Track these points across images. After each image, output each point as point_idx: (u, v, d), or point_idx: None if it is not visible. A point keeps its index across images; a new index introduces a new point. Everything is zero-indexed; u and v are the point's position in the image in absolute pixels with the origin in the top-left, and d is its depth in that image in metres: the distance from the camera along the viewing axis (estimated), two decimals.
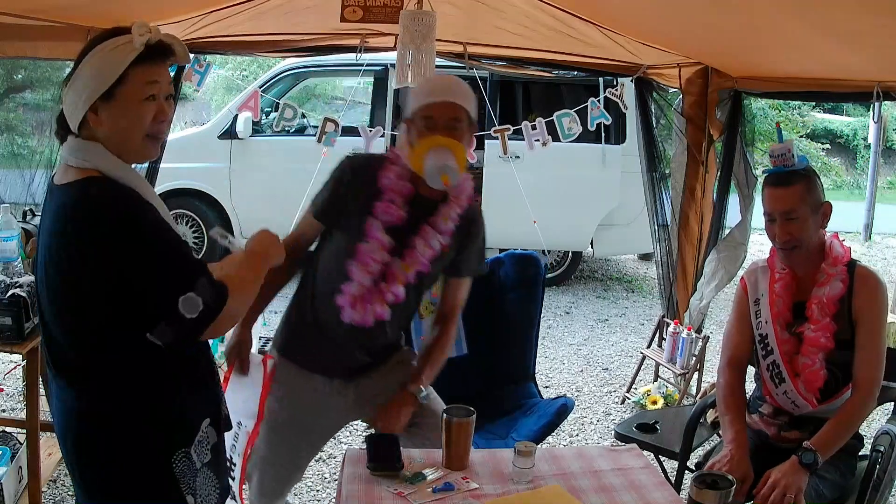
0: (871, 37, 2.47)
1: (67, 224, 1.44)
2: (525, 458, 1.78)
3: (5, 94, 8.21)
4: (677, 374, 4.09)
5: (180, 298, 1.41)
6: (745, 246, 3.92)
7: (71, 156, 1.49)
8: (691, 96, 3.99)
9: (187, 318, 1.42)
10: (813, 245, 2.21)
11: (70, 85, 1.49)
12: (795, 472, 2.04)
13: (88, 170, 1.47)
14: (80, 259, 1.42)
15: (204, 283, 1.45)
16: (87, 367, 1.49)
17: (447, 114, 2.03)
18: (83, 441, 1.51)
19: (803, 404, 2.21)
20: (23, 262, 2.74)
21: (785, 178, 2.16)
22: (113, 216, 1.42)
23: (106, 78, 1.46)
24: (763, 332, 2.28)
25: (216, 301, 1.46)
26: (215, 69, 3.89)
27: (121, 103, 1.48)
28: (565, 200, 6.06)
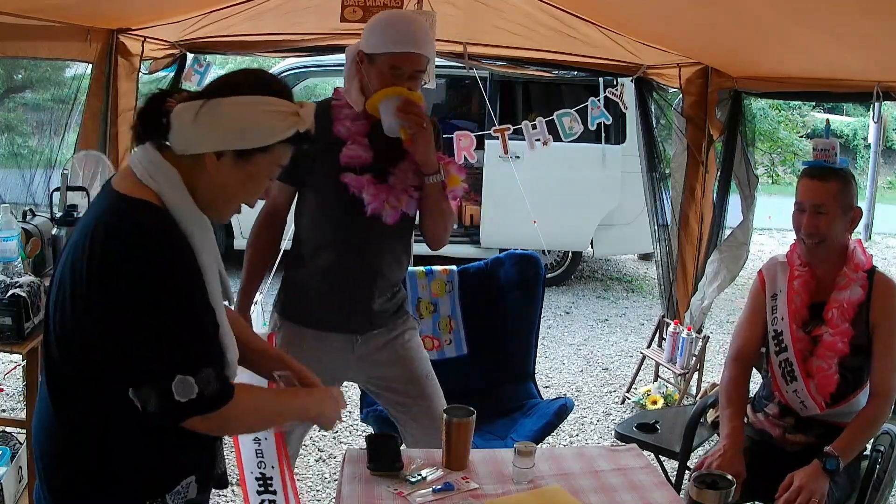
0: (871, 38, 2.47)
1: (102, 239, 1.32)
2: (525, 458, 1.78)
3: (5, 94, 8.20)
4: (677, 374, 4.09)
5: (177, 377, 1.30)
6: (747, 246, 3.92)
7: (142, 166, 1.37)
8: (691, 96, 3.99)
9: (175, 399, 1.30)
10: (837, 246, 2.20)
11: (208, 108, 1.35)
12: (819, 477, 2.03)
13: (150, 190, 1.36)
14: (96, 281, 1.30)
15: (209, 375, 1.33)
16: (73, 386, 1.37)
17: (414, 66, 2.05)
18: (52, 457, 1.41)
19: (812, 405, 2.21)
20: (23, 262, 2.74)
21: (823, 173, 2.18)
22: (151, 259, 1.30)
23: (258, 139, 1.37)
24: (778, 329, 2.26)
25: (215, 399, 1.34)
26: (215, 69, 3.87)
27: (250, 168, 1.39)
28: (565, 200, 6.06)
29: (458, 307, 3.02)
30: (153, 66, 4.07)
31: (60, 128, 3.69)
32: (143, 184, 1.36)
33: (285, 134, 1.38)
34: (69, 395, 1.38)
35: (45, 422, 1.42)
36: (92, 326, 1.32)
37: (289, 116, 1.38)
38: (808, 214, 2.16)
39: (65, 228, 2.97)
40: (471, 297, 3.03)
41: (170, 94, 1.41)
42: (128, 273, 1.29)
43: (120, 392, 1.32)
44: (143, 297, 1.30)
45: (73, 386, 1.37)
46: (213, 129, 1.35)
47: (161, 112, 1.38)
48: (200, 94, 1.40)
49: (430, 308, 3.00)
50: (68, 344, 1.36)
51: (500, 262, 3.06)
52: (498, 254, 3.15)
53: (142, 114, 1.40)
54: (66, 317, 1.34)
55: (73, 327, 1.34)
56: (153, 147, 1.38)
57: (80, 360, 1.35)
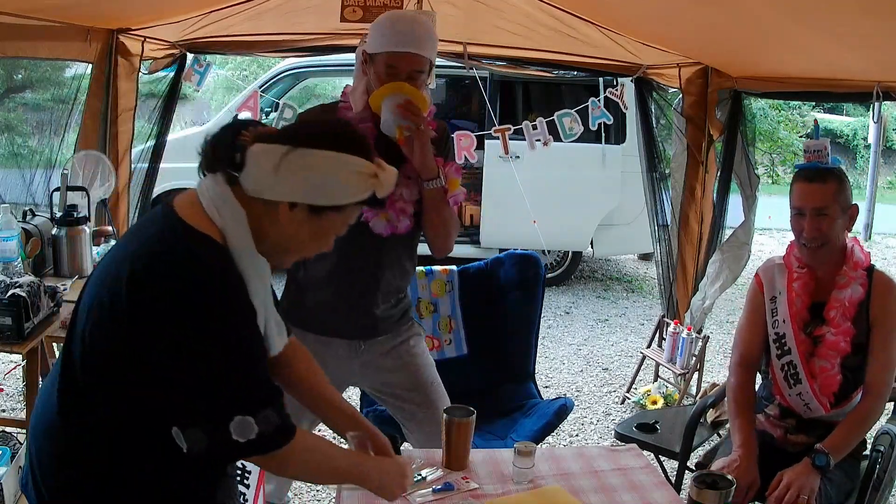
0: (871, 38, 2.47)
1: (161, 270, 1.27)
2: (525, 458, 1.78)
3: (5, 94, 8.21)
4: (677, 374, 4.09)
5: (236, 417, 1.25)
6: (748, 246, 3.91)
7: (209, 198, 1.33)
8: (691, 96, 3.99)
9: (233, 440, 1.26)
10: (837, 246, 2.19)
11: (291, 158, 1.30)
12: (808, 473, 2.03)
13: (214, 226, 1.32)
14: (147, 314, 1.25)
15: (270, 415, 1.29)
16: (91, 404, 1.32)
17: (411, 66, 2.01)
18: (52, 458, 1.36)
19: (816, 407, 2.20)
20: (23, 262, 2.74)
21: (819, 175, 2.15)
22: (211, 295, 1.26)
23: (335, 198, 1.34)
24: (780, 332, 2.25)
25: (276, 437, 1.30)
26: (215, 69, 3.89)
27: (321, 224, 1.36)
28: (565, 200, 6.06)
29: (458, 307, 3.02)
30: (153, 66, 4.07)
31: (60, 128, 3.69)
32: (208, 217, 1.32)
33: (362, 196, 1.36)
34: (82, 408, 1.33)
35: (47, 422, 1.38)
36: (133, 358, 1.26)
37: (369, 179, 1.35)
38: (809, 218, 2.14)
39: (65, 228, 2.98)
40: (471, 297, 3.03)
41: (245, 125, 1.37)
42: (185, 310, 1.25)
43: (142, 421, 1.29)
44: (201, 336, 1.26)
45: (92, 405, 1.32)
46: (292, 179, 1.31)
47: (235, 145, 1.33)
48: (281, 136, 1.35)
49: (430, 308, 3.00)
50: (99, 367, 1.30)
51: (500, 262, 3.06)
52: (498, 254, 3.15)
53: (215, 143, 1.36)
54: (99, 339, 1.29)
55: (108, 353, 1.29)
56: (224, 180, 1.34)
57: (111, 386, 1.29)
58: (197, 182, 1.39)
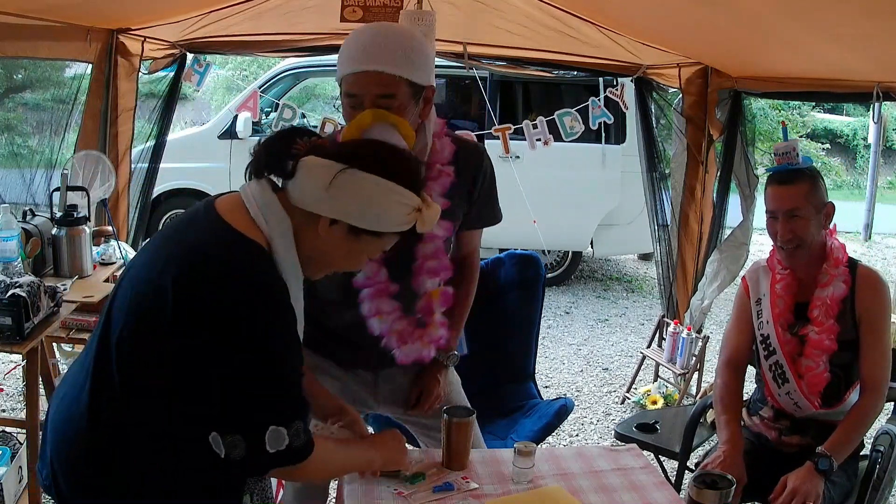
0: (871, 39, 2.47)
1: (213, 275, 1.27)
2: (525, 458, 1.78)
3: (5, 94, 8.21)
4: (677, 374, 4.09)
5: (271, 427, 1.28)
6: (747, 246, 3.92)
7: (257, 204, 1.33)
8: (691, 96, 4.00)
9: (266, 449, 1.28)
10: (815, 245, 2.18)
11: (345, 177, 1.30)
12: (812, 478, 2.02)
13: (260, 231, 1.32)
14: (196, 317, 1.25)
15: (300, 428, 1.32)
16: (126, 404, 1.31)
17: (370, 88, 1.58)
18: (76, 453, 1.35)
19: (805, 405, 2.20)
20: (23, 262, 2.74)
21: (789, 177, 2.15)
22: (263, 304, 1.27)
23: (377, 225, 1.35)
24: (765, 333, 2.26)
25: (301, 451, 1.33)
26: (215, 69, 3.89)
27: (357, 245, 1.38)
28: (565, 200, 6.06)
29: None
30: (153, 66, 4.07)
31: (60, 128, 3.69)
32: (254, 222, 1.32)
33: (403, 227, 1.38)
34: (116, 409, 1.32)
35: (74, 422, 1.36)
36: (177, 362, 1.27)
37: (413, 212, 1.37)
38: (781, 221, 2.14)
39: (65, 228, 2.98)
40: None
41: (300, 134, 1.36)
42: (234, 318, 1.25)
43: (180, 420, 1.30)
44: (247, 343, 1.26)
45: (128, 407, 1.31)
46: (340, 198, 1.32)
47: (289, 153, 1.33)
48: (337, 153, 1.34)
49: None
50: (139, 368, 1.30)
51: (500, 262, 3.06)
52: (498, 254, 3.14)
53: (269, 148, 1.35)
54: (141, 342, 1.29)
55: (151, 356, 1.29)
56: (269, 187, 1.35)
57: (151, 389, 1.30)
58: (241, 186, 1.39)
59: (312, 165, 1.32)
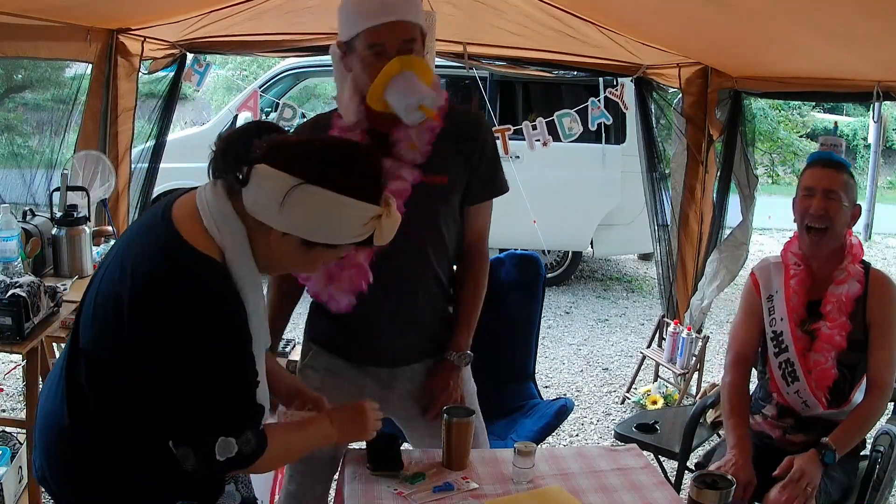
0: (871, 38, 2.48)
1: (160, 291, 1.27)
2: (525, 458, 1.78)
3: (5, 94, 8.21)
4: (677, 374, 4.09)
5: (220, 438, 1.30)
6: (746, 246, 3.92)
7: (211, 214, 1.31)
8: (691, 96, 4.00)
9: (216, 459, 1.31)
10: (838, 238, 2.21)
11: (298, 194, 1.26)
12: (815, 464, 2.06)
13: (212, 242, 1.30)
14: (146, 332, 1.27)
15: (249, 437, 1.34)
16: (96, 405, 1.34)
17: (398, 35, 1.66)
18: (57, 457, 1.39)
19: (814, 404, 2.20)
20: (23, 262, 2.74)
21: (834, 163, 2.21)
22: (209, 321, 1.28)
23: (329, 238, 1.33)
24: (777, 330, 2.25)
25: (251, 456, 1.35)
26: (215, 69, 3.89)
27: (311, 255, 1.36)
28: (565, 200, 6.06)
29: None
30: (153, 66, 4.07)
31: (60, 128, 3.69)
32: (208, 233, 1.31)
33: (358, 239, 1.34)
34: (87, 413, 1.35)
35: (53, 422, 1.39)
36: (133, 375, 1.30)
37: (371, 221, 1.33)
38: (818, 197, 2.16)
39: (65, 228, 2.98)
40: None
41: (260, 131, 1.33)
42: (183, 333, 1.26)
43: (144, 427, 1.33)
44: (197, 358, 1.28)
45: (97, 412, 1.35)
46: (293, 214, 1.28)
47: (245, 156, 1.29)
48: (290, 163, 1.28)
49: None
50: (102, 378, 1.33)
51: (501, 262, 3.06)
52: (498, 254, 3.14)
53: (226, 148, 1.32)
54: (102, 352, 1.32)
55: (111, 366, 1.32)
56: (224, 192, 1.32)
57: (115, 397, 1.33)
58: (202, 186, 1.37)
59: (265, 176, 1.28)
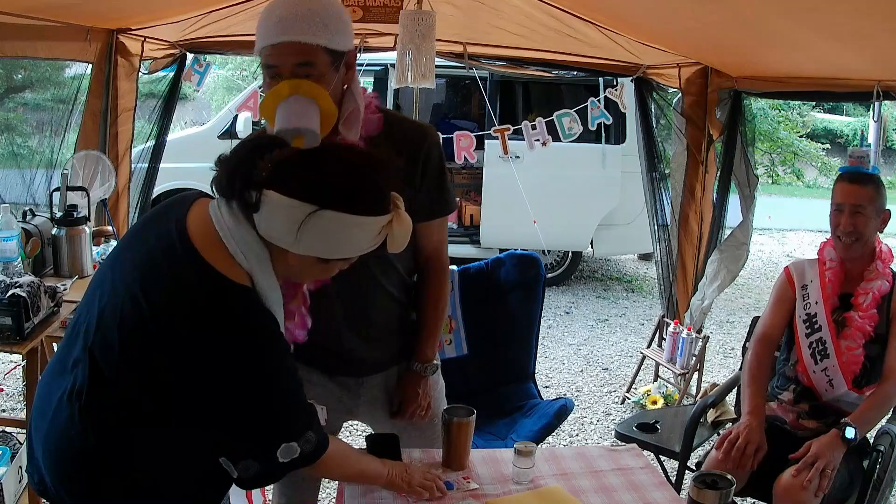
0: (871, 38, 2.48)
1: (198, 320, 1.27)
2: (525, 458, 1.78)
3: (5, 94, 8.21)
4: (677, 374, 4.09)
5: (283, 444, 1.34)
6: (747, 246, 3.92)
7: (234, 241, 1.30)
8: (691, 96, 3.99)
9: (279, 461, 1.34)
10: (868, 243, 2.40)
11: (312, 221, 1.27)
12: (836, 446, 2.17)
13: (240, 268, 1.30)
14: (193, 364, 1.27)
15: (310, 437, 1.38)
16: (125, 421, 1.33)
17: (289, 58, 1.54)
18: (73, 465, 1.36)
19: (839, 382, 2.33)
20: (23, 262, 2.74)
21: (861, 177, 2.37)
22: (260, 350, 1.30)
23: (346, 253, 1.35)
24: (812, 312, 2.42)
25: (313, 454, 1.39)
26: (215, 69, 3.89)
27: (327, 268, 1.40)
28: (565, 200, 6.06)
29: (458, 307, 3.02)
30: (153, 66, 4.07)
31: (60, 128, 3.69)
32: (234, 261, 1.30)
33: (371, 248, 1.37)
34: (118, 432, 1.34)
35: (63, 434, 1.36)
36: (179, 403, 1.30)
37: (382, 230, 1.35)
38: (846, 214, 2.35)
39: (65, 228, 2.98)
40: (471, 297, 3.03)
41: (261, 150, 1.30)
42: (235, 365, 1.28)
43: (186, 448, 1.34)
44: (251, 383, 1.30)
45: (132, 435, 1.34)
46: (310, 240, 1.30)
47: (251, 180, 1.28)
48: (302, 188, 1.28)
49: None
50: (140, 407, 1.32)
51: (501, 262, 3.06)
52: (498, 254, 3.15)
53: (231, 172, 1.30)
54: (138, 381, 1.30)
55: (151, 396, 1.30)
56: (242, 215, 1.31)
57: (156, 423, 1.33)
58: (211, 206, 1.34)
59: (278, 205, 1.28)
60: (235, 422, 1.32)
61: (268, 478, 1.39)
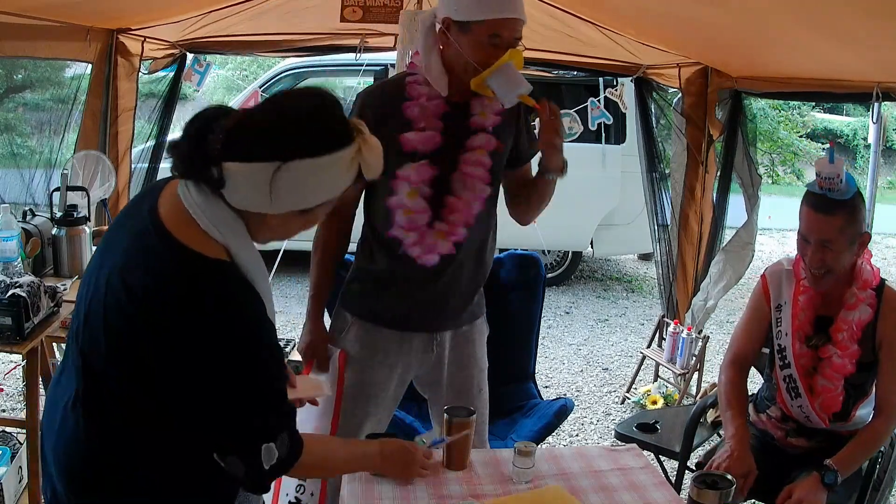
0: (871, 39, 2.48)
1: (178, 303, 1.24)
2: (525, 458, 1.78)
3: (5, 94, 8.21)
4: (677, 374, 4.09)
5: (263, 446, 1.30)
6: (752, 246, 3.90)
7: (206, 217, 1.27)
8: (691, 96, 3.99)
9: (263, 468, 1.32)
10: (844, 271, 2.11)
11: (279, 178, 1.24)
12: (817, 491, 2.01)
13: (216, 243, 1.27)
14: (175, 351, 1.25)
15: (284, 439, 1.34)
16: (120, 421, 1.32)
17: (514, 32, 1.86)
18: (79, 473, 1.35)
19: (816, 421, 2.19)
20: (23, 262, 2.74)
21: (827, 206, 2.01)
22: (235, 328, 1.26)
23: (324, 197, 1.31)
24: (782, 344, 2.21)
25: (289, 459, 1.36)
26: (215, 69, 3.89)
27: (311, 217, 1.35)
28: (565, 200, 5.99)
29: None
30: (153, 66, 4.07)
31: (60, 128, 3.70)
32: (208, 237, 1.27)
33: (348, 183, 1.32)
34: (117, 433, 1.33)
35: (70, 439, 1.35)
36: (168, 393, 1.27)
37: (353, 162, 1.30)
38: (813, 248, 2.05)
39: (65, 228, 2.98)
40: None
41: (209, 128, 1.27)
42: (219, 345, 1.25)
43: (182, 443, 1.32)
44: (233, 364, 1.26)
45: (125, 429, 1.32)
46: (283, 196, 1.26)
47: (207, 156, 1.25)
48: (257, 148, 1.25)
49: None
50: (131, 402, 1.30)
51: (501, 263, 3.06)
52: (498, 254, 3.14)
53: (185, 156, 1.27)
54: (127, 377, 1.28)
55: (135, 382, 1.28)
56: (212, 194, 1.27)
57: (147, 419, 1.31)
58: (179, 188, 1.31)
59: (239, 174, 1.25)
60: (217, 406, 1.27)
61: (254, 482, 1.34)
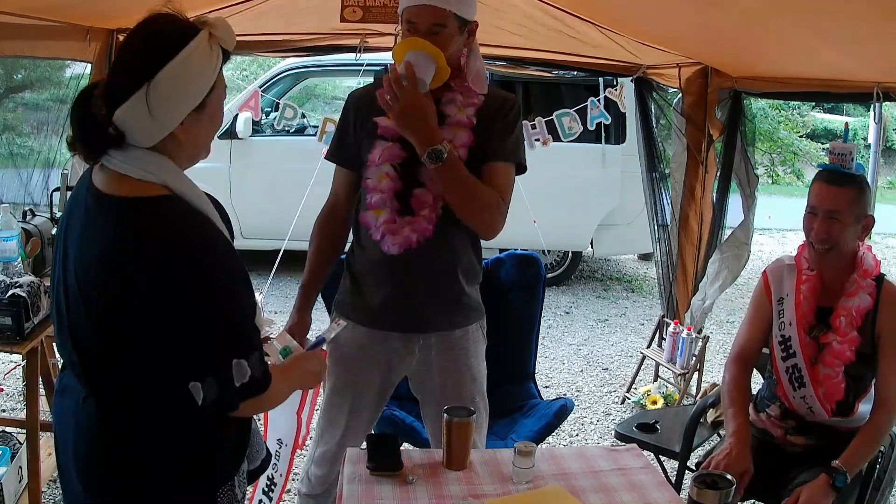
0: (870, 41, 2.48)
1: (132, 247, 1.29)
2: (525, 458, 1.78)
3: (5, 94, 8.20)
4: (677, 374, 4.09)
5: (234, 361, 1.32)
6: (748, 246, 3.91)
7: (132, 166, 1.32)
8: (691, 96, 3.99)
9: (234, 384, 1.33)
10: (847, 252, 2.17)
11: (153, 93, 1.29)
12: (826, 493, 2.01)
13: (153, 185, 1.33)
14: (139, 289, 1.28)
15: (258, 358, 1.37)
16: (123, 392, 1.36)
17: (427, 19, 1.88)
18: (108, 465, 1.38)
19: (819, 411, 2.19)
20: (23, 262, 2.74)
21: (839, 178, 2.12)
22: (190, 250, 1.31)
23: (203, 88, 1.35)
24: (786, 335, 2.23)
25: (264, 380, 1.38)
26: None
27: (209, 112, 1.38)
28: (565, 200, 6.06)
29: None
30: None
31: (60, 128, 3.69)
32: (144, 182, 1.32)
33: (218, 63, 1.36)
34: (119, 400, 1.36)
35: (83, 427, 1.38)
36: (145, 333, 1.30)
37: (210, 43, 1.34)
38: (820, 219, 2.12)
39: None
40: None
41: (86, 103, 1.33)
42: (179, 261, 1.29)
43: (172, 391, 1.32)
44: (201, 280, 1.30)
45: (123, 392, 1.36)
46: (166, 109, 1.31)
47: (100, 123, 1.31)
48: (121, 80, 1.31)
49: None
50: (116, 355, 1.34)
51: (501, 262, 3.06)
52: (498, 254, 3.14)
53: (85, 139, 1.34)
54: (109, 333, 1.32)
55: (121, 340, 1.32)
56: (127, 149, 1.33)
57: (131, 367, 1.34)
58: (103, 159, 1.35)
59: (128, 115, 1.30)
60: (187, 327, 1.30)
61: (225, 403, 1.35)
